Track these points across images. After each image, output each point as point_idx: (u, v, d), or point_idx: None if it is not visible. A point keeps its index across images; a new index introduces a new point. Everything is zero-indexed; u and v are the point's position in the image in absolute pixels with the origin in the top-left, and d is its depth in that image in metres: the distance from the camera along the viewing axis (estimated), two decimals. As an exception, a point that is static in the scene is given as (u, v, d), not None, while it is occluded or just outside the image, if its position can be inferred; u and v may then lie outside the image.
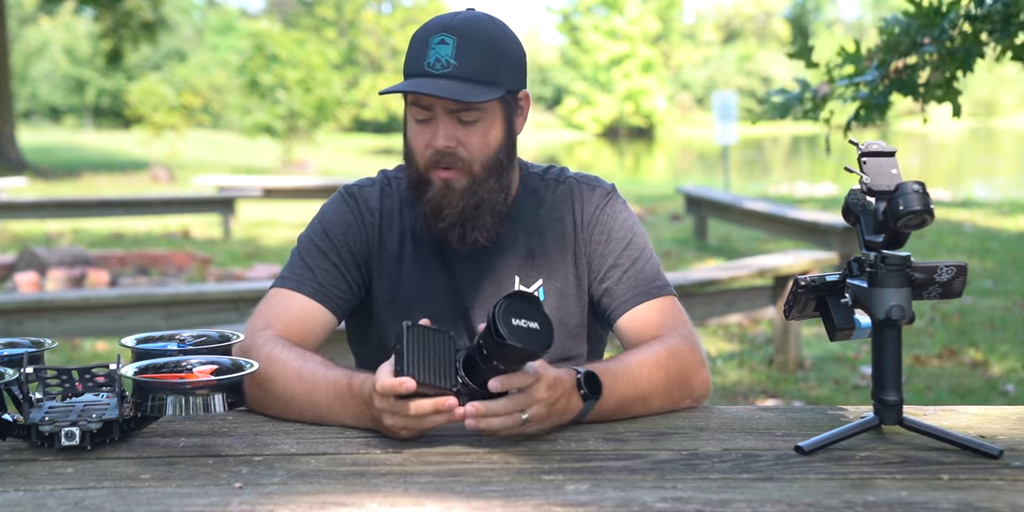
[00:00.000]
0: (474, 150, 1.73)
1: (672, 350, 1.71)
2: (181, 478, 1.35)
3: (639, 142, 42.65)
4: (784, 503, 1.24)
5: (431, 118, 1.72)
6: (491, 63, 1.71)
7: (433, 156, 1.73)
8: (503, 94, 1.72)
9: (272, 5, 51.59)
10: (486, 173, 1.75)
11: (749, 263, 5.43)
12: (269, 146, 25.41)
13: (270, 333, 1.72)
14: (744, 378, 5.22)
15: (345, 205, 1.86)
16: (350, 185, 1.90)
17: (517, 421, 1.46)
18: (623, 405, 1.63)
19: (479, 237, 1.77)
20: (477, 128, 1.73)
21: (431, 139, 1.73)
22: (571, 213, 1.85)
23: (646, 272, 1.82)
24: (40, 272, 7.61)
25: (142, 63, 39.41)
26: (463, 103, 1.69)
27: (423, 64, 1.69)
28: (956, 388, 4.94)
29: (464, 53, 1.68)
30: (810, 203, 12.60)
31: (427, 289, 1.82)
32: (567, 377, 1.54)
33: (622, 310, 1.80)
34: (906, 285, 1.42)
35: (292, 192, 12.72)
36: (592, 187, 1.88)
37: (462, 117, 1.71)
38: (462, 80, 1.68)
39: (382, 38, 45.29)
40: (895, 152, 1.45)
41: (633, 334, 1.78)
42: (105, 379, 1.56)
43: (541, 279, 1.83)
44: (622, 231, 1.85)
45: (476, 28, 1.71)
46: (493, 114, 1.74)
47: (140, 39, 23.75)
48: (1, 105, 20.54)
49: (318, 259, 1.81)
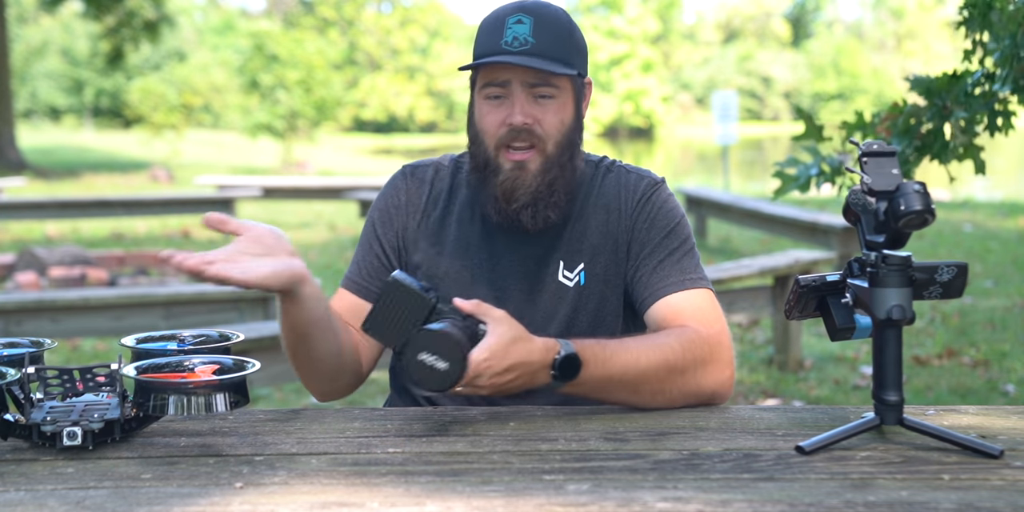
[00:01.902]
0: (549, 127, 1.75)
1: (686, 345, 1.68)
2: (182, 478, 1.35)
3: (639, 142, 42.67)
4: (785, 503, 1.24)
5: (506, 95, 1.75)
6: (566, 44, 1.75)
7: (508, 134, 1.75)
8: (576, 74, 1.76)
9: (272, 5, 51.59)
10: (559, 151, 1.77)
11: (749, 263, 5.43)
12: (269, 146, 25.41)
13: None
14: (744, 378, 5.22)
15: (394, 187, 1.91)
16: (409, 163, 1.96)
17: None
18: (604, 388, 1.63)
19: (551, 214, 1.79)
20: (552, 105, 1.75)
21: (507, 117, 1.74)
22: (618, 200, 1.86)
23: (683, 263, 1.81)
24: (40, 272, 7.61)
25: (142, 63, 39.40)
26: (544, 75, 1.72)
27: (500, 43, 1.72)
28: (956, 388, 4.95)
29: (541, 32, 1.72)
30: (810, 203, 12.60)
31: (466, 272, 1.83)
32: (536, 358, 1.55)
33: (654, 298, 1.78)
34: (907, 285, 1.42)
35: (292, 192, 12.73)
36: (641, 177, 1.88)
37: (539, 92, 1.74)
38: (540, 57, 1.71)
39: (382, 38, 45.32)
40: (896, 152, 1.45)
41: (661, 323, 1.76)
42: (106, 379, 1.56)
43: (583, 263, 1.83)
44: (665, 220, 1.84)
45: (551, 10, 1.76)
46: (566, 93, 1.77)
47: (143, 38, 23.71)
48: (1, 105, 20.53)
49: (365, 251, 1.90)
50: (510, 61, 1.69)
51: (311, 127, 23.82)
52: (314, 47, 23.41)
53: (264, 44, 22.41)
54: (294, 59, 22.30)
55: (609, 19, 48.20)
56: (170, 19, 25.31)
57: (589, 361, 1.60)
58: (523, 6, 1.75)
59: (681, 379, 1.67)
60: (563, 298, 1.82)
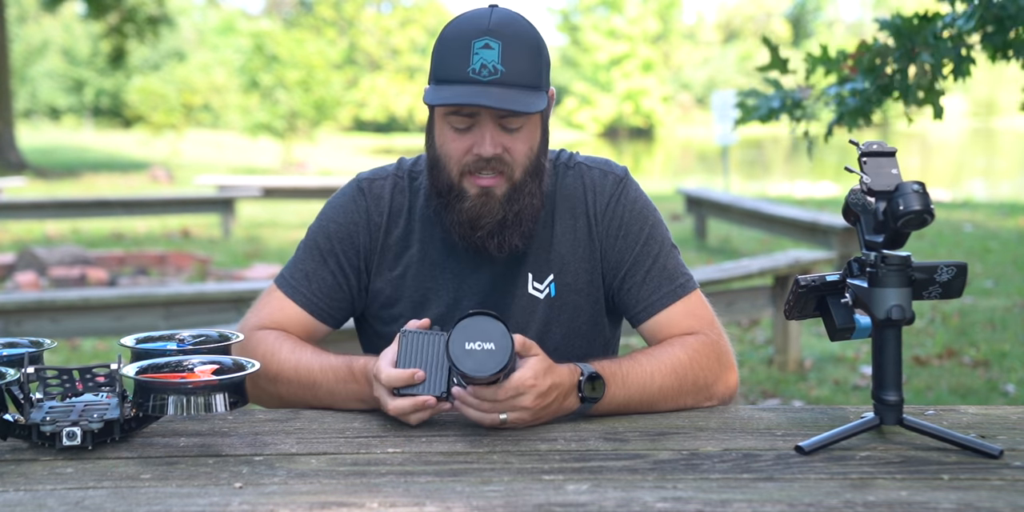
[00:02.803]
0: (518, 155, 1.69)
1: (694, 356, 1.69)
2: (181, 478, 1.35)
3: (639, 142, 42.64)
4: (784, 503, 1.24)
5: (473, 124, 1.67)
6: (535, 65, 1.66)
7: (475, 163, 1.68)
8: (546, 97, 1.69)
9: (272, 5, 51.59)
10: (526, 178, 1.71)
11: (749, 263, 5.43)
12: (269, 146, 25.40)
13: (262, 334, 1.76)
14: (744, 378, 5.22)
15: (353, 202, 1.83)
16: (364, 175, 1.87)
17: (495, 421, 1.52)
18: (627, 407, 1.64)
19: (519, 243, 1.74)
20: (521, 134, 1.69)
21: (473, 145, 1.67)
22: (584, 203, 1.80)
23: (668, 269, 1.78)
24: (40, 272, 7.61)
25: (142, 63, 39.38)
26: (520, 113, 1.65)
27: (467, 70, 1.62)
28: (956, 388, 4.94)
29: (511, 58, 1.63)
30: (810, 203, 12.60)
31: (432, 291, 1.80)
32: (567, 380, 1.55)
33: (648, 313, 1.77)
34: (906, 285, 1.42)
35: (292, 192, 12.72)
36: (604, 173, 1.83)
37: (507, 124, 1.67)
38: (511, 86, 1.63)
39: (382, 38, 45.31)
40: (895, 152, 1.45)
41: (660, 336, 1.77)
42: (106, 379, 1.56)
43: (552, 274, 1.79)
44: (638, 224, 1.79)
45: (518, 30, 1.66)
46: (535, 118, 1.71)
47: (146, 34, 23.67)
48: (1, 105, 20.52)
49: (317, 264, 1.81)
50: (482, 103, 1.60)
51: (311, 127, 23.82)
52: (314, 47, 23.42)
53: (264, 44, 22.41)
54: (294, 59, 22.30)
55: (609, 19, 48.19)
56: (170, 19, 25.29)
57: (609, 381, 1.60)
58: (488, 28, 1.63)
59: (694, 390, 1.68)
60: (533, 311, 1.79)
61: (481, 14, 1.67)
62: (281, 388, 1.72)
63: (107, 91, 41.61)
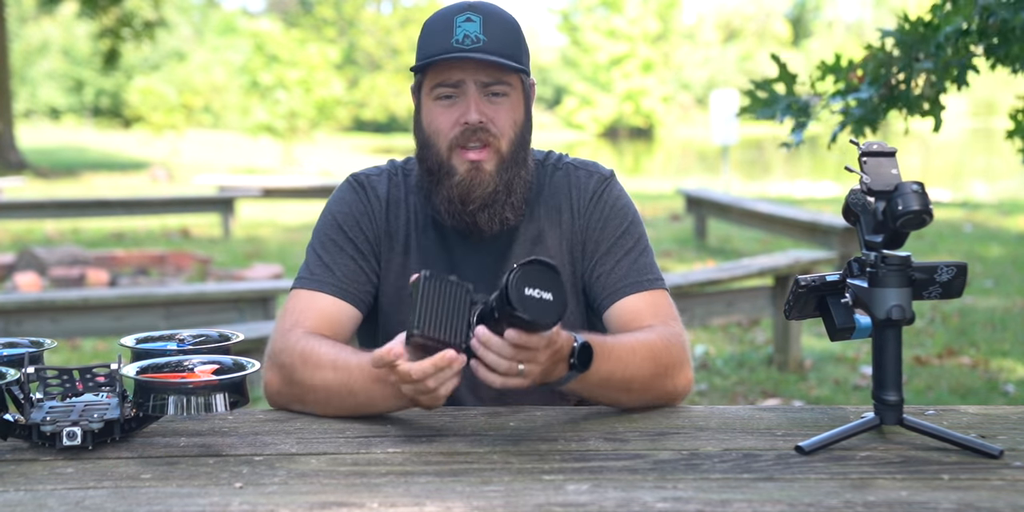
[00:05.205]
0: (503, 125, 1.74)
1: (666, 342, 1.70)
2: (182, 478, 1.35)
3: (639, 142, 42.63)
4: (784, 503, 1.24)
5: (458, 95, 1.73)
6: (515, 42, 1.75)
7: (462, 134, 1.73)
8: (527, 72, 1.77)
9: (272, 5, 51.59)
10: (513, 150, 1.76)
11: (749, 263, 5.43)
12: (269, 146, 25.40)
13: (300, 331, 1.71)
14: (744, 378, 5.22)
15: (354, 193, 1.86)
16: (357, 173, 1.90)
17: (513, 369, 1.44)
18: (606, 383, 1.61)
19: (509, 216, 1.77)
20: (505, 103, 1.74)
21: (460, 116, 1.72)
22: (569, 199, 1.85)
23: (640, 263, 1.81)
24: (40, 272, 7.61)
25: (142, 63, 39.39)
26: (498, 73, 1.71)
27: (451, 42, 1.70)
28: (956, 388, 4.94)
29: (491, 30, 1.72)
30: (810, 203, 12.60)
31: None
32: (565, 344, 1.53)
33: (613, 299, 1.79)
34: (906, 285, 1.42)
35: (292, 192, 12.72)
36: (590, 173, 1.87)
37: (493, 91, 1.73)
38: (492, 54, 1.70)
39: (382, 38, 45.29)
40: (895, 152, 1.45)
41: (623, 323, 1.77)
42: (106, 379, 1.56)
43: None
44: (618, 219, 1.84)
45: (499, 10, 1.76)
46: (517, 92, 1.76)
47: (142, 37, 23.68)
48: (1, 105, 20.52)
49: (335, 254, 1.81)
50: (468, 56, 1.68)
51: (311, 127, 23.83)
52: (315, 48, 23.43)
53: (264, 44, 22.42)
54: (294, 59, 22.31)
55: (609, 19, 48.18)
56: (165, 22, 25.30)
57: (596, 352, 1.58)
58: (471, 5, 1.74)
59: (664, 373, 1.68)
60: None
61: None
62: (318, 385, 1.64)
63: (107, 91, 41.60)
